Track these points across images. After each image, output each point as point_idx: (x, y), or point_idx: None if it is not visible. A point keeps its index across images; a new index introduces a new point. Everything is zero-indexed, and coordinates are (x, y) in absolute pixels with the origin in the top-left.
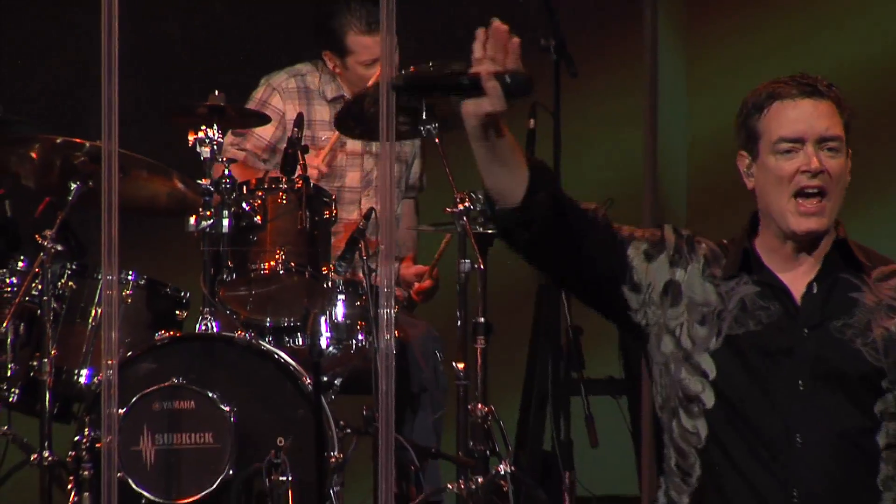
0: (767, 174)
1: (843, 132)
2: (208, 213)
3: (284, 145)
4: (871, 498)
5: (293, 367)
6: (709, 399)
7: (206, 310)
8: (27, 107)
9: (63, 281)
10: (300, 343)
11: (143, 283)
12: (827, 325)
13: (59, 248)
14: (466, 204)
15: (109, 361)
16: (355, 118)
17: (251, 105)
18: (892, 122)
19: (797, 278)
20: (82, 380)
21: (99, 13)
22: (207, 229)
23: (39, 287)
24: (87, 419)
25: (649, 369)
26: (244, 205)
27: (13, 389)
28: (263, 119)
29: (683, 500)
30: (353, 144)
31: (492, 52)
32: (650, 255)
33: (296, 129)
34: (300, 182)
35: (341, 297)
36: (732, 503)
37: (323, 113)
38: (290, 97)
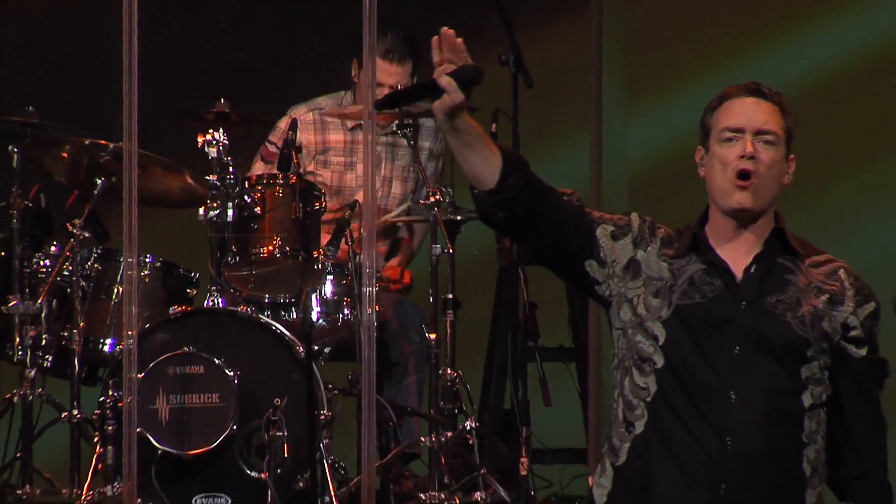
0: (714, 160)
1: (781, 131)
2: (215, 205)
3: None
4: (796, 448)
5: (288, 337)
6: (659, 360)
7: (213, 288)
8: (59, 112)
9: (90, 263)
10: (294, 317)
11: (158, 264)
12: (762, 300)
13: (87, 234)
14: (437, 197)
15: (130, 332)
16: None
17: (275, 132)
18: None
19: (738, 259)
20: (106, 348)
21: (120, 31)
22: (214, 218)
23: (69, 268)
24: (110, 382)
25: (611, 333)
26: (246, 197)
27: (47, 356)
28: (258, 122)
29: (625, 446)
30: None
31: (446, 54)
32: (616, 236)
33: (290, 132)
34: (294, 178)
35: (329, 276)
36: (674, 449)
37: (338, 140)
38: (307, 128)
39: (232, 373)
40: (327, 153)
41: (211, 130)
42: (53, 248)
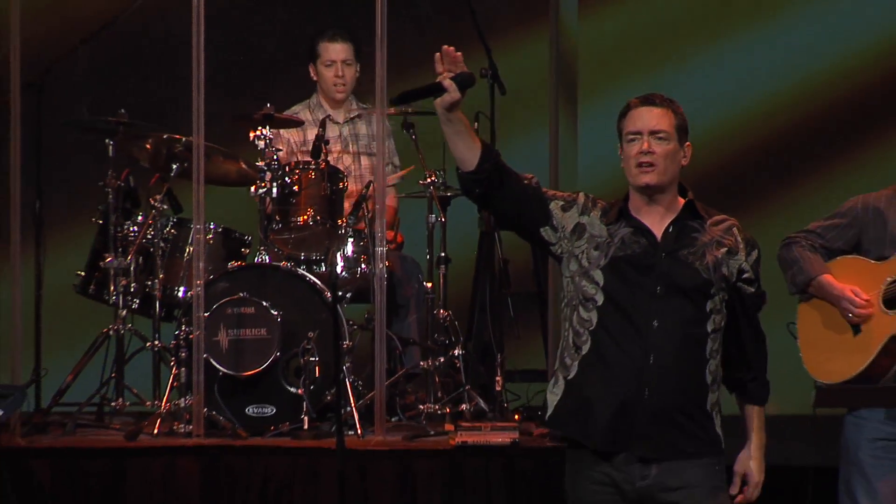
0: (625, 155)
1: (671, 129)
2: (263, 185)
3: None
4: (701, 363)
5: (318, 285)
6: (599, 298)
7: (261, 248)
8: (144, 113)
9: (167, 229)
10: (323, 270)
11: (220, 230)
12: (676, 252)
13: (165, 207)
14: (433, 178)
15: (198, 282)
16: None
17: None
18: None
19: (654, 223)
20: (180, 294)
21: (190, 49)
22: (262, 195)
23: (152, 233)
24: (183, 320)
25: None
26: (286, 179)
27: (134, 300)
28: (298, 123)
29: (574, 364)
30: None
31: (447, 65)
32: (565, 208)
33: (320, 129)
34: (323, 164)
35: (350, 239)
36: (611, 364)
37: (334, 135)
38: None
39: (276, 312)
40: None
41: (259, 128)
42: (139, 218)
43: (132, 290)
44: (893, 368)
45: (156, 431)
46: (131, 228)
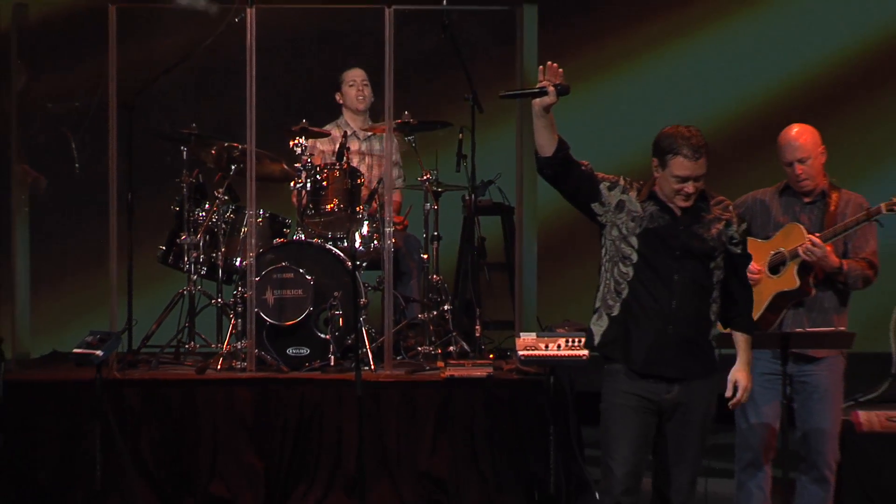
0: (668, 181)
1: (704, 171)
2: (299, 181)
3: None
4: (707, 305)
5: (341, 256)
6: (634, 257)
7: (299, 229)
8: (210, 125)
9: (228, 214)
10: (345, 245)
11: (267, 215)
12: (691, 226)
13: (226, 197)
14: (428, 176)
15: (251, 254)
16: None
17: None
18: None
19: (676, 206)
20: (237, 263)
21: (245, 76)
22: (299, 188)
23: (216, 217)
24: (239, 283)
25: (603, 244)
26: (317, 176)
27: (203, 268)
28: (325, 135)
29: (617, 305)
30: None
31: (549, 76)
32: (611, 188)
33: (343, 138)
34: (346, 164)
35: (366, 222)
36: (644, 306)
37: (355, 146)
38: (330, 141)
39: (309, 277)
40: (347, 152)
41: (297, 138)
42: (206, 205)
43: (201, 260)
44: (778, 320)
45: (219, 367)
46: (200, 214)
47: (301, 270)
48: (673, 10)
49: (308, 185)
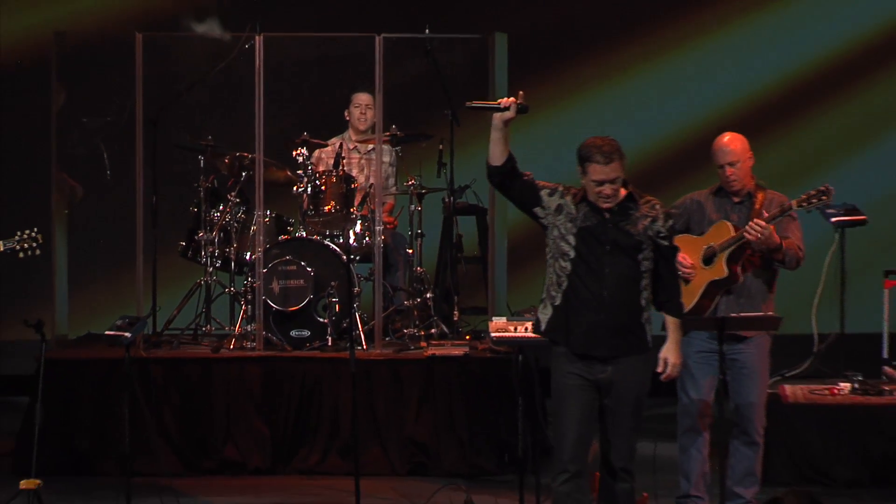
0: (589, 186)
1: (621, 173)
2: (301, 186)
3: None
4: (638, 293)
5: (338, 251)
6: (572, 253)
7: (301, 227)
8: (224, 137)
9: (239, 214)
10: (341, 241)
11: (273, 215)
12: (619, 223)
13: (237, 200)
14: (413, 181)
15: (259, 249)
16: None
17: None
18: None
19: (606, 206)
20: (247, 257)
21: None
22: (301, 192)
23: (229, 217)
24: (249, 274)
25: (547, 243)
26: (317, 182)
27: (218, 261)
28: (323, 145)
29: (559, 296)
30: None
31: (511, 99)
32: (551, 194)
33: (339, 149)
34: (342, 171)
35: (359, 221)
36: (580, 296)
37: (354, 157)
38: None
39: (310, 269)
40: (342, 161)
41: (298, 148)
42: (221, 207)
43: (216, 254)
44: (712, 306)
45: (231, 347)
46: (215, 214)
47: (303, 263)
48: (633, 41)
49: (309, 189)
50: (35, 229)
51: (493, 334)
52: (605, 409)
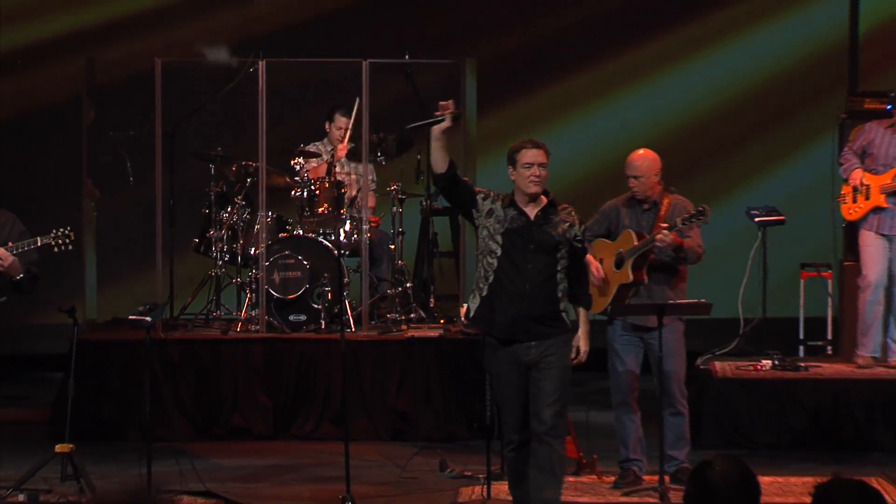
0: (520, 173)
1: (546, 160)
2: (298, 190)
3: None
4: (555, 287)
5: (330, 247)
6: (499, 251)
7: (298, 227)
8: (232, 148)
9: (245, 215)
10: (333, 238)
11: (274, 216)
12: (542, 226)
13: (244, 203)
14: (395, 186)
15: (262, 245)
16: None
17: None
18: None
19: (531, 210)
20: (252, 252)
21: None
22: (298, 196)
23: (236, 217)
24: (253, 266)
25: (477, 241)
26: (312, 187)
27: (226, 255)
28: (317, 155)
29: (486, 288)
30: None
31: (446, 108)
32: (484, 199)
33: (330, 159)
34: (333, 177)
35: (348, 221)
36: (505, 288)
37: (339, 173)
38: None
39: (306, 263)
40: (333, 169)
41: (297, 158)
42: (229, 209)
43: (224, 249)
44: (628, 300)
45: (238, 329)
46: (224, 215)
47: (299, 257)
48: (596, 67)
49: (305, 194)
50: (69, 227)
51: (464, 319)
52: (531, 380)
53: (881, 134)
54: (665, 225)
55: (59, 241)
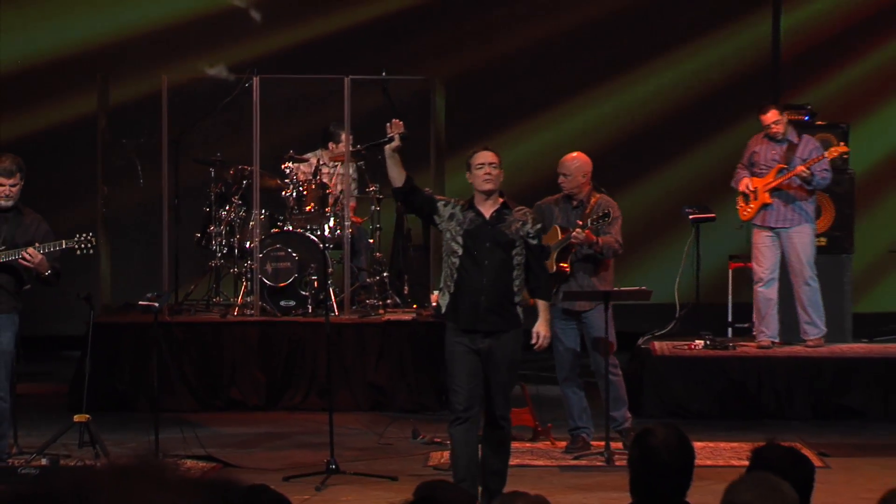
0: (475, 173)
1: (498, 162)
2: (288, 191)
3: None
4: (511, 281)
5: (316, 241)
6: (460, 251)
7: (288, 223)
8: (229, 153)
9: (241, 213)
10: (318, 233)
11: (267, 213)
12: (496, 225)
13: (240, 202)
14: (374, 188)
15: (256, 239)
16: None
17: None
18: None
19: (486, 211)
20: (247, 246)
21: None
22: (288, 196)
23: (233, 215)
24: (249, 258)
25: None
26: (300, 188)
27: (224, 249)
28: (305, 160)
29: (452, 285)
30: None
31: (395, 129)
32: (444, 205)
33: (318, 164)
34: (319, 180)
35: (332, 218)
36: (467, 285)
37: (326, 170)
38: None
39: (295, 254)
40: (319, 172)
41: (286, 162)
42: (227, 207)
43: (223, 243)
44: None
45: (235, 313)
46: (223, 212)
47: (289, 250)
48: (559, 82)
49: (294, 194)
50: (91, 233)
51: (434, 304)
52: (486, 372)
53: (761, 143)
54: (580, 223)
55: (82, 245)
